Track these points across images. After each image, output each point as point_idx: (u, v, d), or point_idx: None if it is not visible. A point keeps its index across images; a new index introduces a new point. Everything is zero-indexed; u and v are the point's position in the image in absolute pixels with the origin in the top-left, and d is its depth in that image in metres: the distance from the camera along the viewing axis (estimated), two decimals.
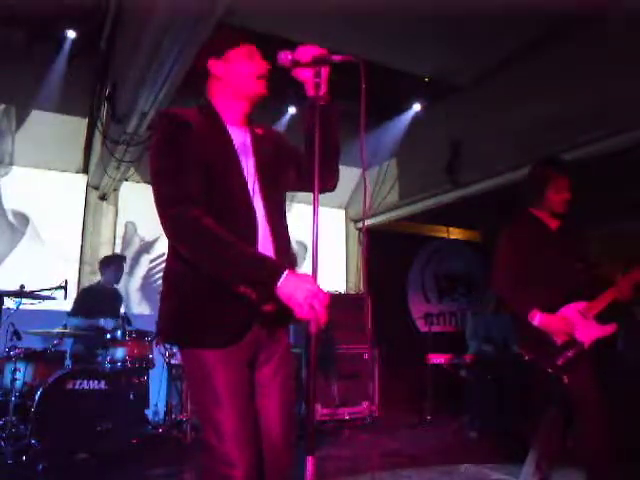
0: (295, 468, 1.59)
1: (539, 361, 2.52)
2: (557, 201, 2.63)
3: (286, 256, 1.62)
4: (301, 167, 1.73)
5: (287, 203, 1.77)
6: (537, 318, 2.45)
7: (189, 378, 1.61)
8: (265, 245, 1.57)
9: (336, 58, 1.52)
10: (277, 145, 1.73)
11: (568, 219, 2.71)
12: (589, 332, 2.47)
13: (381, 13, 4.08)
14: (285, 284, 1.39)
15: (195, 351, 1.52)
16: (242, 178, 1.58)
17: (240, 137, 1.65)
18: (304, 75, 1.58)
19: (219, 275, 1.47)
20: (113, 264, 4.93)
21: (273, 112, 5.48)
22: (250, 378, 1.57)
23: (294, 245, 1.78)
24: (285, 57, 1.56)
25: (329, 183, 1.76)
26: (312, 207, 1.45)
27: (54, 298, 4.08)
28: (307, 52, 1.54)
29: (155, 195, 1.52)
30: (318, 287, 1.40)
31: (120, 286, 5.19)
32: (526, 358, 2.53)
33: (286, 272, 1.41)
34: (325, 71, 1.56)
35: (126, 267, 5.71)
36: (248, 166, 1.61)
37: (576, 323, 2.47)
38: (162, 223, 1.49)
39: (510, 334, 5.23)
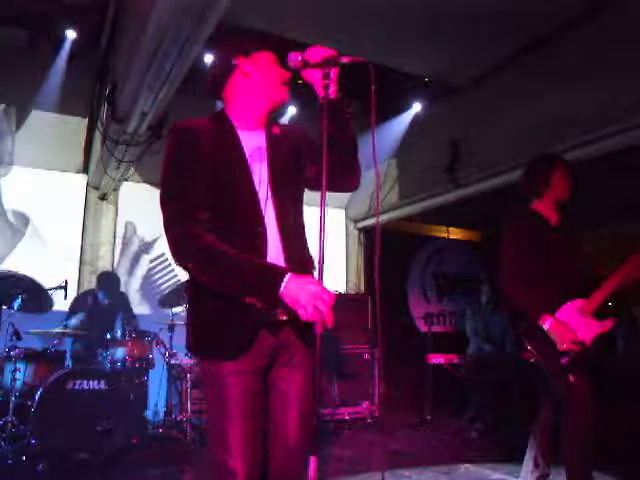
0: None
1: (543, 362, 2.52)
2: (564, 185, 2.66)
3: (299, 262, 1.59)
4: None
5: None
6: (548, 323, 2.44)
7: (204, 383, 1.66)
8: (276, 252, 1.56)
9: (345, 60, 1.51)
10: (295, 144, 1.70)
11: (566, 217, 2.72)
12: (589, 330, 2.46)
13: (381, 13, 4.08)
14: (288, 287, 1.40)
15: (209, 362, 1.56)
16: (251, 185, 1.57)
17: (254, 141, 1.64)
18: (313, 76, 1.56)
19: (223, 291, 1.49)
20: (106, 280, 4.93)
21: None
22: (262, 385, 1.57)
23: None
24: (295, 58, 1.55)
25: (351, 183, 1.71)
26: (315, 208, 1.43)
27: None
28: (317, 53, 1.53)
29: (162, 213, 1.55)
30: (323, 288, 1.39)
31: (120, 286, 5.19)
32: (531, 360, 2.52)
33: (288, 275, 1.41)
34: (334, 72, 1.54)
35: (126, 267, 5.73)
36: (261, 171, 1.60)
37: (576, 322, 2.48)
38: (168, 242, 1.53)
39: (508, 334, 5.23)
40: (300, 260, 1.61)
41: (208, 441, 1.57)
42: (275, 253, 1.56)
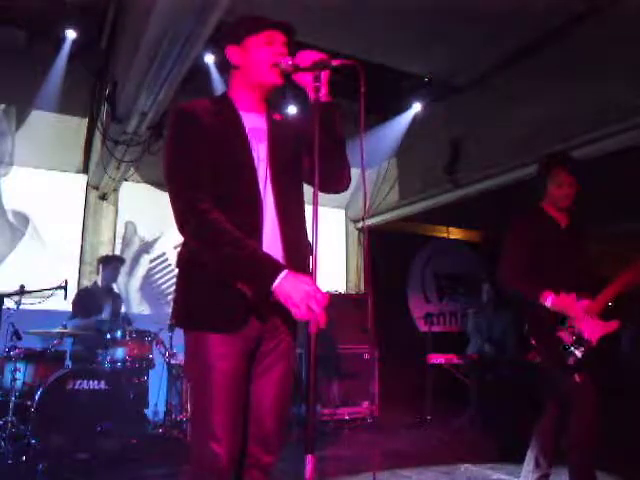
0: (295, 467, 1.59)
1: (549, 362, 2.52)
2: (559, 196, 2.65)
3: (296, 245, 1.61)
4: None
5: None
6: (550, 299, 2.45)
7: (188, 361, 1.65)
8: (272, 232, 1.58)
9: (335, 62, 1.53)
10: (296, 132, 1.73)
11: (577, 217, 2.72)
12: (595, 330, 2.47)
13: (381, 13, 4.08)
14: (282, 285, 1.40)
15: (198, 335, 1.56)
16: (251, 163, 1.60)
17: (254, 122, 1.67)
18: (304, 80, 1.59)
19: (219, 271, 1.51)
20: (112, 263, 4.93)
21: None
22: (247, 369, 1.59)
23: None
24: (286, 62, 1.59)
25: (339, 184, 1.74)
26: (312, 207, 1.43)
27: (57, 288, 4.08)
28: (307, 57, 1.56)
29: (168, 191, 1.58)
30: (316, 288, 1.40)
31: (120, 286, 5.19)
32: (536, 360, 2.52)
33: (284, 273, 1.42)
34: (325, 75, 1.57)
35: (126, 267, 5.72)
36: (259, 150, 1.63)
37: (582, 322, 2.47)
38: (174, 217, 1.54)
39: (509, 335, 5.23)
40: (297, 243, 1.63)
41: (190, 420, 1.58)
42: (271, 231, 1.58)
